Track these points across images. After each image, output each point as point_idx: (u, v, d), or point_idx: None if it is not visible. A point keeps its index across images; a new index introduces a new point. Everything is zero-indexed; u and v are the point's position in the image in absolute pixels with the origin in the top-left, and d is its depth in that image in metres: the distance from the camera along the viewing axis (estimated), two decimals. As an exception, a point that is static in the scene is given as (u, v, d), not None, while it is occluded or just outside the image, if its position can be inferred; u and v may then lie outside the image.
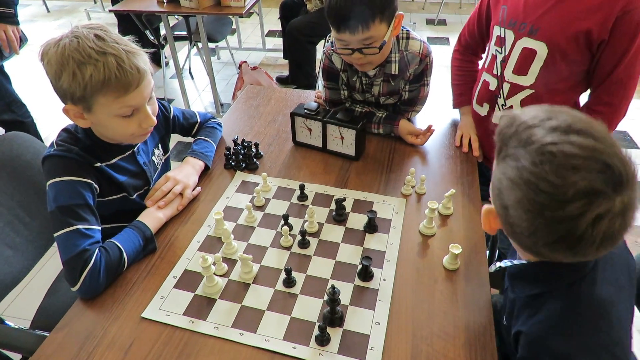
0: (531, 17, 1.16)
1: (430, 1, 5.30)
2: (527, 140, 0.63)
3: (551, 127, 0.63)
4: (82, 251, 0.92)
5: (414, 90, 1.37)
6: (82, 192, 0.99)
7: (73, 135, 1.05)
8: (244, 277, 0.97)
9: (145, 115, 1.01)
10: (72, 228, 0.94)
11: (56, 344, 0.85)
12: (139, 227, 1.04)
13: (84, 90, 0.90)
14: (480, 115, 1.38)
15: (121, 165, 1.11)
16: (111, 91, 0.92)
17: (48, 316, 1.19)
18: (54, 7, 5.42)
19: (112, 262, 0.95)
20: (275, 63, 4.03)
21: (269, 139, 1.44)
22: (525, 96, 1.24)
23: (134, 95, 0.95)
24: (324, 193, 1.21)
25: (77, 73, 0.89)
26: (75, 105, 0.95)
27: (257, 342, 0.85)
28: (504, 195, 0.66)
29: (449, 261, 0.98)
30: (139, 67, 0.94)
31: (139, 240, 1.01)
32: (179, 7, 2.69)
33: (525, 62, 1.20)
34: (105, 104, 0.94)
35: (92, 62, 0.89)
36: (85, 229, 0.96)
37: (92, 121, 0.99)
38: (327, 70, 1.42)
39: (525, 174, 0.61)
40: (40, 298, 1.27)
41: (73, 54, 0.89)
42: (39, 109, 2.39)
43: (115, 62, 0.90)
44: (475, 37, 1.42)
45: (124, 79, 0.91)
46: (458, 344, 0.84)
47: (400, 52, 1.30)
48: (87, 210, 0.98)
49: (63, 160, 0.99)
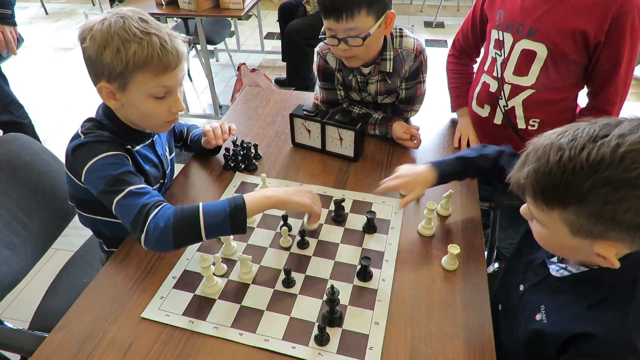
0: (529, 19, 1.17)
1: (428, 4, 5.33)
2: (606, 158, 0.62)
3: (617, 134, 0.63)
4: (142, 206, 0.91)
5: (410, 88, 1.38)
6: (120, 162, 0.97)
7: (98, 122, 1.04)
8: (244, 277, 0.97)
9: (175, 99, 1.02)
10: (124, 192, 0.93)
11: (55, 344, 0.85)
12: (234, 197, 0.96)
13: (125, 66, 0.92)
14: (481, 116, 1.39)
15: (144, 154, 1.11)
16: (151, 69, 0.94)
17: (47, 317, 1.19)
18: (53, 10, 5.42)
19: (183, 214, 0.90)
20: (274, 65, 4.04)
21: (268, 140, 1.45)
22: (527, 96, 1.25)
23: (171, 76, 0.97)
24: (323, 194, 1.21)
25: (121, 49, 0.91)
26: (110, 84, 0.96)
27: (257, 342, 0.85)
28: (622, 218, 0.64)
29: (448, 261, 0.99)
30: (179, 50, 0.97)
31: (225, 206, 0.92)
32: (178, 9, 2.70)
33: (525, 63, 1.21)
34: (142, 81, 0.95)
35: (137, 40, 0.92)
36: (137, 188, 0.94)
37: (123, 102, 0.99)
38: (323, 71, 1.43)
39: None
40: (39, 299, 1.27)
41: (119, 31, 0.91)
42: (36, 110, 2.39)
43: (159, 42, 0.93)
44: (469, 41, 1.44)
45: (165, 59, 0.94)
46: (457, 343, 0.84)
47: (395, 50, 1.32)
48: (132, 175, 0.97)
49: (97, 143, 0.98)
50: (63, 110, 3.37)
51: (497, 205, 1.36)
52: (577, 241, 0.70)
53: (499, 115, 1.32)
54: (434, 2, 5.20)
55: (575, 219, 0.67)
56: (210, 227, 0.90)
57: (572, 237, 0.70)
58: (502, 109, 1.30)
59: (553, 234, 0.74)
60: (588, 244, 0.70)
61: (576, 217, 0.67)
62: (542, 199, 0.69)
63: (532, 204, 0.73)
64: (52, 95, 3.57)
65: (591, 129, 0.67)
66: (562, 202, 0.67)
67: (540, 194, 0.69)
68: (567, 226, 0.69)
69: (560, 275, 0.82)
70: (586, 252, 0.72)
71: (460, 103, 1.49)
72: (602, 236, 0.67)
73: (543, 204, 0.70)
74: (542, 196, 0.69)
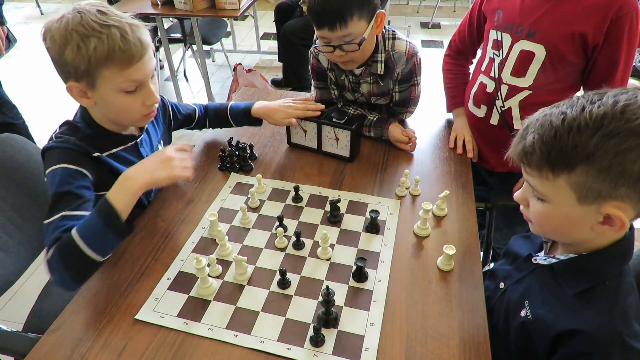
0: (528, 21, 1.18)
1: (424, 4, 5.34)
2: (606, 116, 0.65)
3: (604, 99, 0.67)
4: (54, 239, 0.90)
5: (404, 91, 1.38)
6: (73, 180, 0.97)
7: (72, 125, 1.04)
8: (239, 278, 0.97)
9: (148, 91, 1.00)
10: (58, 215, 0.93)
11: (49, 346, 0.85)
12: (98, 205, 0.92)
13: (88, 63, 0.90)
14: (477, 116, 1.39)
15: (123, 156, 1.09)
16: (115, 63, 0.92)
17: (41, 319, 1.19)
18: (48, 10, 5.40)
19: (64, 246, 0.88)
20: (270, 65, 4.03)
21: (263, 141, 1.45)
22: (524, 97, 1.25)
23: (138, 68, 0.95)
24: (318, 194, 1.21)
25: (81, 46, 0.89)
26: (79, 82, 0.94)
27: (252, 343, 0.84)
28: (631, 169, 0.65)
29: (443, 262, 0.99)
30: (142, 40, 0.94)
31: (95, 220, 0.89)
32: (174, 9, 2.69)
33: (523, 64, 1.22)
34: (109, 77, 0.93)
35: (96, 34, 0.89)
36: (66, 216, 0.93)
37: (96, 100, 0.98)
38: (316, 70, 1.43)
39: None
40: (32, 301, 1.26)
41: (77, 27, 0.89)
42: (30, 111, 2.38)
43: (119, 33, 0.91)
44: (465, 42, 1.45)
45: (128, 50, 0.92)
46: (452, 344, 0.84)
47: (387, 52, 1.31)
48: (73, 197, 0.95)
49: (59, 150, 0.99)
50: (57, 111, 3.35)
51: (492, 206, 1.36)
52: (583, 210, 0.70)
53: (495, 116, 1.32)
54: (431, 2, 5.21)
55: (584, 180, 0.67)
56: (95, 245, 0.88)
57: (578, 205, 0.70)
58: (499, 110, 1.30)
59: (556, 207, 0.73)
60: (594, 210, 0.70)
61: (585, 177, 0.67)
62: (549, 165, 0.70)
63: (536, 175, 0.73)
64: (46, 96, 3.56)
65: (583, 98, 0.70)
66: (569, 164, 0.68)
67: (547, 160, 0.70)
68: (574, 191, 0.69)
69: (548, 263, 0.83)
70: (590, 224, 0.72)
71: (455, 103, 1.49)
72: (611, 195, 0.67)
73: (549, 170, 0.70)
74: (548, 161, 0.69)
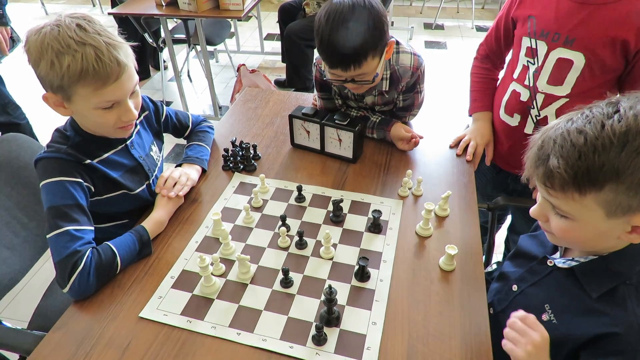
0: (565, 28, 1.13)
1: (428, 5, 5.34)
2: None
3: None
4: (73, 253, 0.92)
5: (408, 99, 1.37)
6: (72, 192, 0.98)
7: (62, 134, 1.05)
8: (242, 277, 0.98)
9: (125, 109, 0.98)
10: (62, 230, 0.94)
11: (54, 343, 0.86)
12: (138, 230, 1.04)
13: (61, 80, 0.89)
14: (509, 125, 1.34)
15: (114, 160, 1.09)
16: (89, 83, 0.90)
17: (46, 316, 1.20)
18: (53, 10, 5.43)
19: (104, 265, 0.95)
20: (274, 66, 4.04)
21: (267, 141, 1.45)
22: (560, 105, 1.21)
23: (113, 89, 0.93)
24: (321, 194, 1.21)
25: (55, 62, 0.88)
26: (55, 94, 0.94)
27: (255, 341, 0.85)
28: None
29: (445, 262, 0.99)
30: (119, 60, 0.92)
31: (134, 243, 1.01)
32: (178, 10, 2.70)
33: (560, 72, 1.17)
34: (85, 95, 0.92)
35: (71, 52, 0.87)
36: (76, 230, 0.95)
37: (73, 110, 0.98)
38: (320, 82, 1.41)
39: None
40: (38, 299, 1.27)
41: (52, 42, 0.87)
42: (34, 110, 2.39)
43: (94, 53, 0.88)
44: (493, 47, 1.41)
45: (102, 71, 0.89)
46: (454, 344, 0.84)
47: (392, 67, 1.29)
48: (78, 210, 0.98)
49: (52, 160, 0.99)
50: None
51: (495, 207, 1.36)
52: (611, 223, 0.69)
53: (530, 125, 1.27)
54: (434, 3, 5.21)
55: (613, 197, 0.66)
56: (125, 264, 0.99)
57: (607, 219, 0.69)
58: (534, 119, 1.26)
59: (583, 224, 0.72)
60: (623, 222, 0.69)
61: (614, 194, 0.66)
62: (575, 186, 0.68)
63: (561, 196, 0.71)
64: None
65: (595, 110, 0.68)
66: (596, 183, 0.66)
67: (572, 181, 0.67)
68: (603, 209, 0.68)
69: (567, 266, 0.82)
70: (617, 234, 0.71)
71: (476, 107, 1.45)
72: None
73: (575, 191, 0.68)
74: (574, 183, 0.67)
